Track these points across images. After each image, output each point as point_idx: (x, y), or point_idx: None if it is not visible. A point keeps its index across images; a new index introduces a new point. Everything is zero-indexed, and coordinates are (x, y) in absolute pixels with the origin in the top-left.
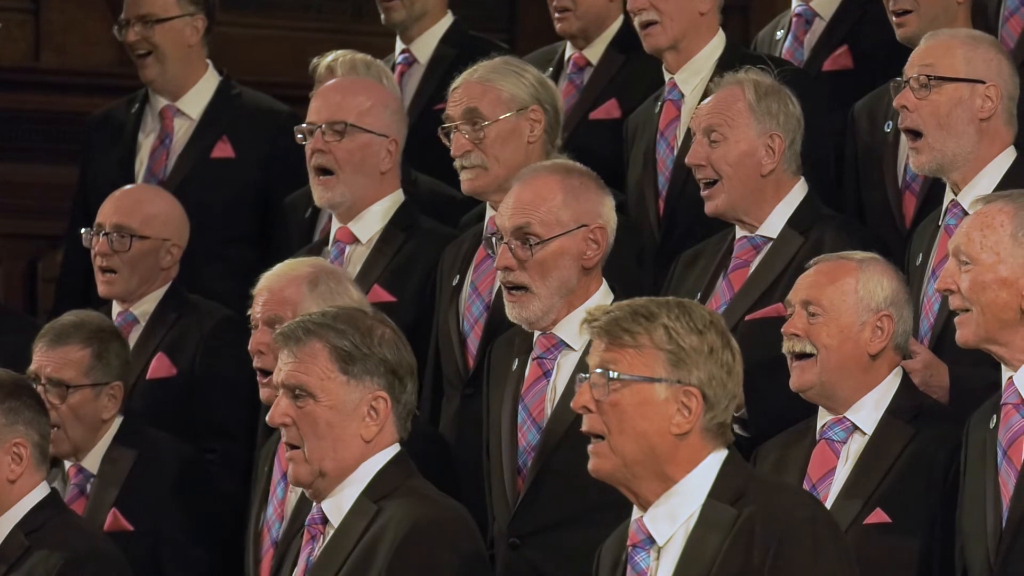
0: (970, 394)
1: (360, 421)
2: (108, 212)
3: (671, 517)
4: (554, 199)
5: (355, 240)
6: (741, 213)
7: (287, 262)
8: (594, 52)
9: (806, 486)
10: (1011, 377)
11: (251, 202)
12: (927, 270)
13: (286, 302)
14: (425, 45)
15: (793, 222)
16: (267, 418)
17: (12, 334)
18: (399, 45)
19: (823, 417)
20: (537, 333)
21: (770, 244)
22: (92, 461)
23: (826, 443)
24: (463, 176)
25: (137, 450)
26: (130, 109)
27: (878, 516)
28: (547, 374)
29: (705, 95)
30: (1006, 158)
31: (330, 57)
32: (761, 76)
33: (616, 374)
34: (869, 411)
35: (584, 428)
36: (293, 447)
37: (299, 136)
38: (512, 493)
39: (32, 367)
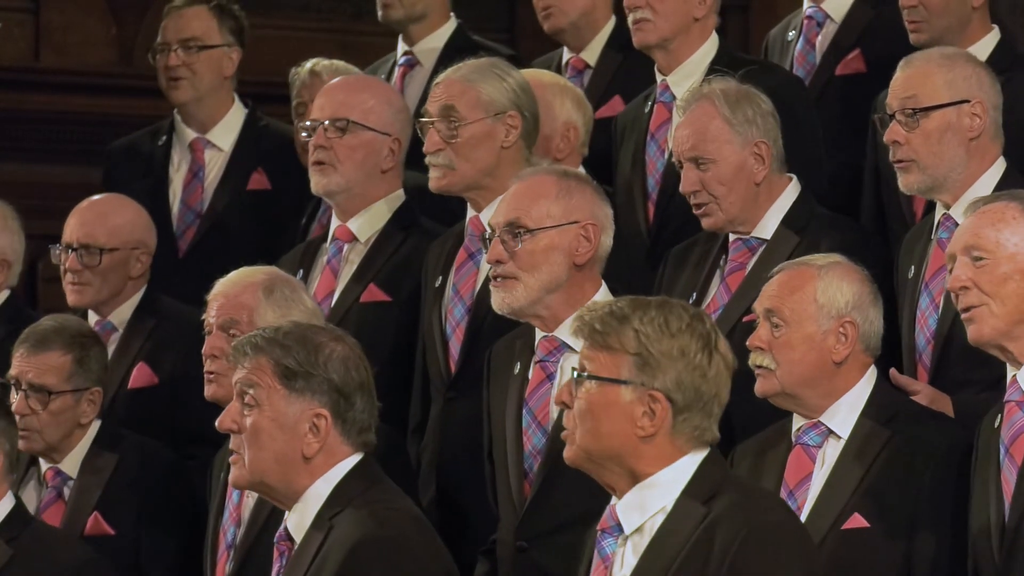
0: (977, 421)
1: (301, 437)
2: (73, 229)
3: (641, 508)
4: (547, 195)
5: (353, 238)
6: (739, 224)
7: (242, 269)
8: (591, 54)
9: (783, 492)
10: (1015, 375)
11: (290, 231)
12: (920, 284)
13: (242, 307)
14: (428, 48)
15: (788, 222)
16: (216, 423)
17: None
18: (401, 47)
19: (797, 421)
20: (539, 336)
21: (764, 246)
22: (71, 464)
23: (801, 448)
24: (431, 173)
25: (118, 454)
26: (155, 141)
27: (856, 521)
28: (550, 377)
29: None
30: (995, 172)
31: (309, 64)
32: (725, 84)
33: (586, 373)
34: (844, 415)
35: (564, 422)
36: (234, 452)
37: (303, 135)
38: (519, 497)
39: (12, 372)
